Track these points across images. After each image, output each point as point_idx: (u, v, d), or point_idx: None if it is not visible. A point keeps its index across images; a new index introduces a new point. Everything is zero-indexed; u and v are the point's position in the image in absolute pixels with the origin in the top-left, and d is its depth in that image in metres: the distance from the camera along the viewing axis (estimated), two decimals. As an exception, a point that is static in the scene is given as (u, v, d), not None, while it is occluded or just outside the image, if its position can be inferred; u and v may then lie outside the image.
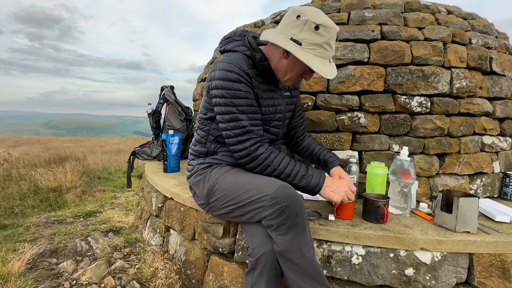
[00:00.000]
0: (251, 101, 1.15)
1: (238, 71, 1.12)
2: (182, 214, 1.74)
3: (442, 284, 1.21)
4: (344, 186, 1.19)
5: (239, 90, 1.12)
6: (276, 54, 1.18)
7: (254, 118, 1.16)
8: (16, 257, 1.76)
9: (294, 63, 1.14)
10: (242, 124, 1.13)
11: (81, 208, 2.93)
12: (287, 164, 1.14)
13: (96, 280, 1.66)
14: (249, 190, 1.09)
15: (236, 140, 1.14)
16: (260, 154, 1.13)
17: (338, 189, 1.18)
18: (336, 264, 1.28)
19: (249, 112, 1.14)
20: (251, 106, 1.15)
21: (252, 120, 1.15)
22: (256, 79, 1.19)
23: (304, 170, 1.16)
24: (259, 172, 1.16)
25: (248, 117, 1.14)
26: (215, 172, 1.21)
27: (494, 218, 1.39)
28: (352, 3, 1.95)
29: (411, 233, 1.22)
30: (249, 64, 1.18)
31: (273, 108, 1.27)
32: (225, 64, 1.13)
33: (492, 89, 1.80)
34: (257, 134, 1.15)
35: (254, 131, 1.14)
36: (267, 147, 1.15)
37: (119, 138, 16.64)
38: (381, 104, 1.67)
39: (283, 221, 1.01)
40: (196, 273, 1.62)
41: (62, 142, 12.96)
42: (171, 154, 2.31)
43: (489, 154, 1.82)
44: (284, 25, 1.11)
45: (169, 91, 2.89)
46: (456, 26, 1.84)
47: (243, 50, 1.19)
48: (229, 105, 1.13)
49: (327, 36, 1.06)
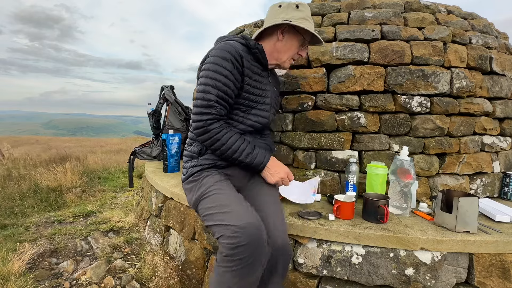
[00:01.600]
0: (230, 82, 1.16)
1: (230, 49, 1.17)
2: (182, 214, 1.74)
3: (442, 284, 1.21)
4: (282, 173, 1.26)
5: (224, 67, 1.15)
6: (269, 41, 1.33)
7: (224, 98, 1.16)
8: (16, 257, 1.76)
9: (290, 41, 1.32)
10: (209, 97, 1.14)
11: (81, 208, 2.93)
12: (235, 141, 1.17)
13: (96, 280, 1.66)
14: (225, 213, 1.05)
15: (198, 111, 1.15)
16: (213, 128, 1.15)
17: (276, 173, 1.25)
18: (336, 264, 1.28)
19: (221, 90, 1.15)
20: (228, 87, 1.16)
21: (221, 98, 1.16)
22: (250, 62, 1.24)
23: (251, 148, 1.21)
24: (210, 146, 1.18)
25: (218, 94, 1.15)
26: (205, 183, 1.19)
27: (494, 218, 1.39)
28: (352, 3, 1.95)
29: (411, 233, 1.22)
30: (244, 49, 1.24)
31: (262, 91, 1.30)
32: (218, 49, 1.18)
33: (492, 89, 1.80)
34: (218, 112, 1.16)
35: (217, 107, 1.15)
36: (222, 124, 1.17)
37: (119, 138, 16.64)
38: (381, 104, 1.67)
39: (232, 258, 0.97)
40: (196, 273, 1.62)
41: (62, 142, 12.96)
42: (171, 154, 2.31)
43: (489, 154, 1.82)
44: (271, 16, 1.32)
45: (169, 91, 2.89)
46: (456, 26, 1.84)
47: (237, 39, 1.27)
48: (207, 78, 1.15)
49: (306, 11, 1.31)
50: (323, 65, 1.76)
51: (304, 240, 1.33)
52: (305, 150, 1.79)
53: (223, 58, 1.15)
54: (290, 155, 1.82)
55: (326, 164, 1.74)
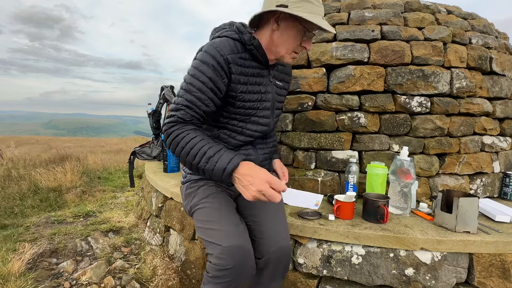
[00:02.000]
0: (206, 89, 1.03)
1: (215, 54, 1.03)
2: (182, 214, 1.74)
3: (442, 284, 1.21)
4: (258, 183, 0.88)
5: (203, 73, 1.03)
6: (266, 31, 1.11)
7: (196, 104, 1.03)
8: (16, 257, 1.76)
9: (287, 31, 1.07)
10: (179, 100, 1.03)
11: (81, 208, 2.93)
12: (196, 143, 0.97)
13: (96, 280, 1.66)
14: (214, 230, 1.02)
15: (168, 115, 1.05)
16: (173, 131, 1.01)
17: (249, 184, 0.89)
18: (336, 264, 1.28)
19: (195, 96, 1.03)
20: (203, 93, 1.03)
21: (192, 103, 1.02)
22: (243, 64, 1.09)
23: (214, 151, 0.95)
24: (173, 152, 1.03)
25: (189, 99, 1.02)
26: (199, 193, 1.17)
27: (494, 218, 1.39)
28: (352, 3, 1.95)
29: (411, 233, 1.22)
30: (236, 48, 1.09)
31: (259, 96, 1.16)
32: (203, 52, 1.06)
33: (492, 89, 1.80)
34: (183, 115, 1.02)
35: (183, 111, 1.02)
36: (184, 126, 1.02)
37: (119, 138, 16.64)
38: (381, 104, 1.67)
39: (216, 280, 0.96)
40: (196, 273, 1.62)
41: (62, 142, 12.96)
42: (171, 154, 2.31)
43: (489, 154, 1.82)
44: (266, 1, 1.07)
45: (169, 91, 2.89)
46: (456, 26, 1.84)
47: (230, 34, 1.11)
48: (184, 82, 1.06)
49: None
50: (323, 65, 1.76)
51: (304, 240, 1.33)
52: (305, 150, 1.79)
53: (204, 62, 1.03)
54: (290, 155, 1.82)
55: (326, 164, 1.74)
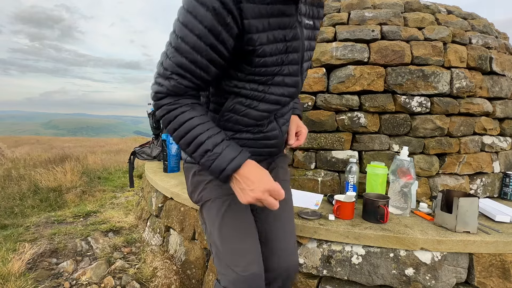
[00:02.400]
0: (203, 46, 0.74)
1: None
2: (182, 214, 1.74)
3: (442, 284, 1.21)
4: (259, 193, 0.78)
5: (200, 21, 0.71)
6: None
7: (190, 69, 0.77)
8: (16, 257, 1.76)
9: None
10: (166, 64, 0.78)
11: (81, 208, 2.93)
12: (193, 127, 0.78)
13: (96, 280, 1.66)
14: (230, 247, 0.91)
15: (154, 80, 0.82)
16: (163, 104, 0.80)
17: (250, 190, 0.78)
18: (336, 264, 1.28)
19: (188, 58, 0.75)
20: (199, 53, 0.74)
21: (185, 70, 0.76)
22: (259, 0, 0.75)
23: (213, 144, 0.78)
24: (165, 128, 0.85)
25: (180, 62, 0.76)
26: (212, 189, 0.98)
27: (494, 218, 1.39)
28: (352, 3, 1.95)
29: (411, 233, 1.22)
30: None
31: (283, 45, 0.82)
32: None
33: (492, 89, 1.80)
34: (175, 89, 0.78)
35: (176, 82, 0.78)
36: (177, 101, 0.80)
37: (119, 138, 16.64)
38: (381, 104, 1.67)
39: None
40: (196, 273, 1.62)
41: (62, 142, 12.96)
42: (171, 154, 2.31)
43: (489, 154, 1.82)
44: None
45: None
46: (456, 26, 1.84)
47: None
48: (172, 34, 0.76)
49: None
50: (323, 65, 1.76)
51: (304, 240, 1.33)
52: (305, 150, 1.79)
53: (202, 3, 0.70)
54: (290, 155, 1.82)
55: (326, 164, 1.74)
